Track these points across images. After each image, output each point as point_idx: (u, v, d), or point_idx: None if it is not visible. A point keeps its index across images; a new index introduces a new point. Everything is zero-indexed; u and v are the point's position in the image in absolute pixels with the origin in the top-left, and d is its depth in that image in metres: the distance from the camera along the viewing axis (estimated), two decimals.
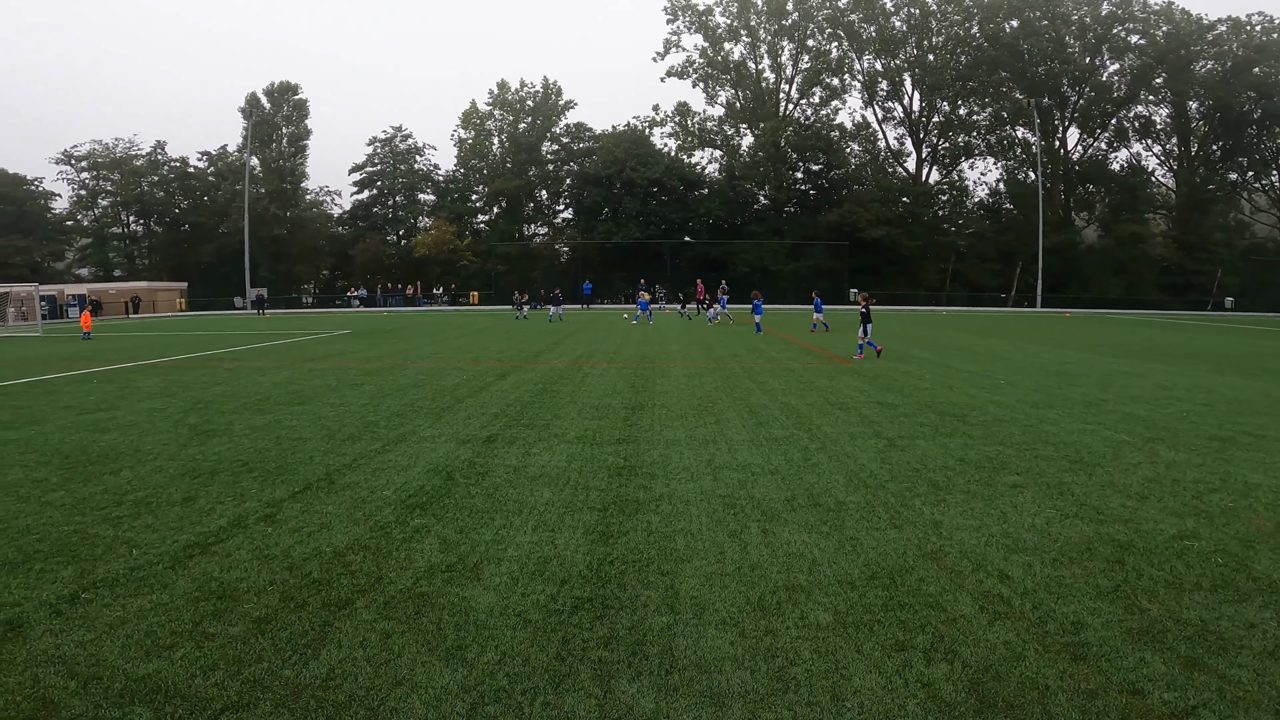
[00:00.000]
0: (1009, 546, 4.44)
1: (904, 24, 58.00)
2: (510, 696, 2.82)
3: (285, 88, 58.91)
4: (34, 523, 4.79)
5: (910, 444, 7.15)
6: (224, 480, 5.80)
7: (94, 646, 3.19)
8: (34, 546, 4.37)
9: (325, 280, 62.21)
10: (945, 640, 3.30)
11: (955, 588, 3.86)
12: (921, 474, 6.06)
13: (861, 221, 51.17)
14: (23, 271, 48.82)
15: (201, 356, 16.30)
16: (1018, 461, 6.48)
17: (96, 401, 9.85)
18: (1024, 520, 4.91)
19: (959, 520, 4.91)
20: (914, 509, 5.16)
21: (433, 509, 5.09)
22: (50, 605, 3.59)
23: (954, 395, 10.23)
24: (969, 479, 5.91)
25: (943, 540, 4.55)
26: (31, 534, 4.58)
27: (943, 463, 6.42)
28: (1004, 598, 3.73)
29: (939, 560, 4.24)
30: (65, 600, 3.65)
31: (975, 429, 7.87)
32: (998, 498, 5.41)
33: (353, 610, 3.52)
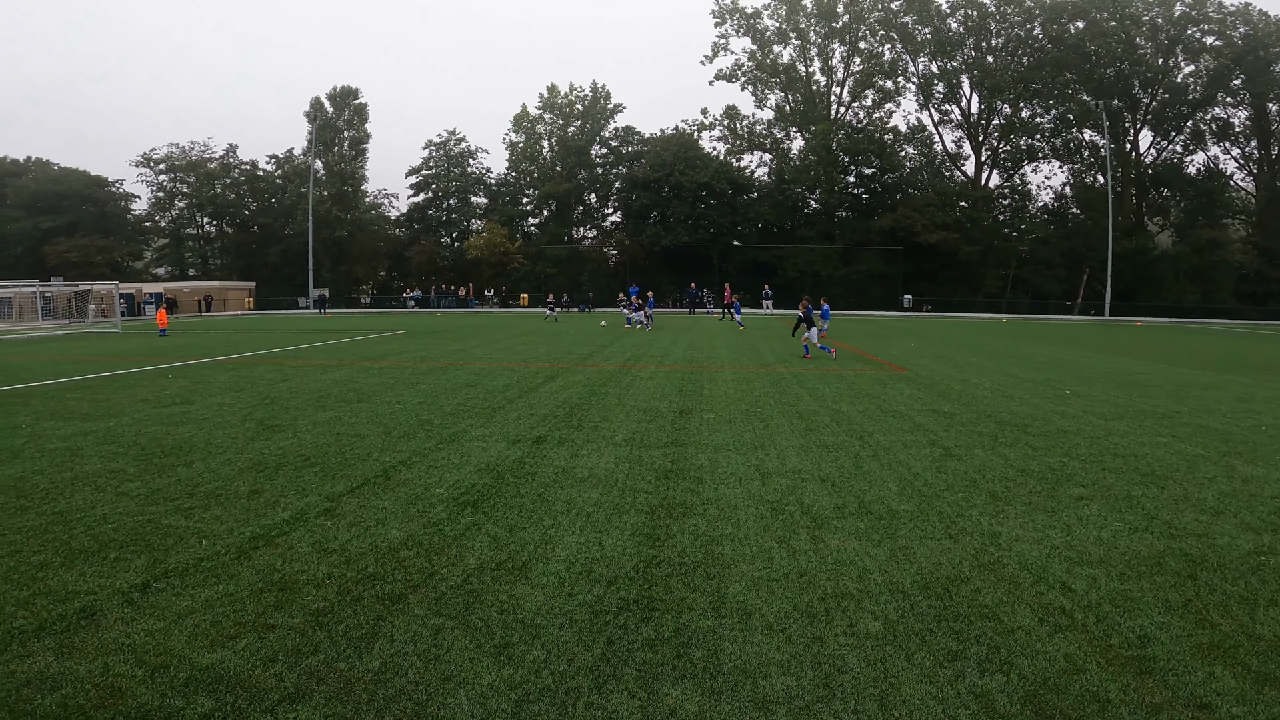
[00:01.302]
0: (1072, 559, 4.29)
1: (960, 26, 56.39)
2: (555, 695, 2.85)
3: (346, 92, 60.69)
4: (110, 512, 5.01)
5: (967, 453, 6.96)
6: (288, 474, 6.02)
7: (162, 636, 3.29)
8: (109, 535, 4.56)
9: (382, 281, 64.06)
10: (1001, 651, 3.22)
11: (1013, 599, 3.75)
12: (979, 484, 5.89)
13: (917, 226, 49.95)
14: (103, 270, 51.73)
15: (268, 354, 16.97)
16: (1084, 474, 6.24)
17: (172, 395, 10.37)
18: (1089, 533, 4.75)
19: (1019, 532, 4.76)
20: (970, 519, 5.02)
21: (483, 507, 5.18)
22: (123, 594, 3.72)
23: (1015, 405, 9.89)
24: (1030, 490, 5.73)
25: (1001, 551, 4.42)
26: (108, 523, 4.78)
27: (1002, 473, 6.23)
28: (1065, 610, 3.62)
29: (997, 571, 4.12)
30: (137, 589, 3.78)
31: (1038, 440, 7.60)
32: (1061, 510, 5.24)
33: (405, 605, 3.60)
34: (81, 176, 60.29)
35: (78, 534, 4.57)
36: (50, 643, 3.20)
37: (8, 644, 3.18)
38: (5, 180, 59.18)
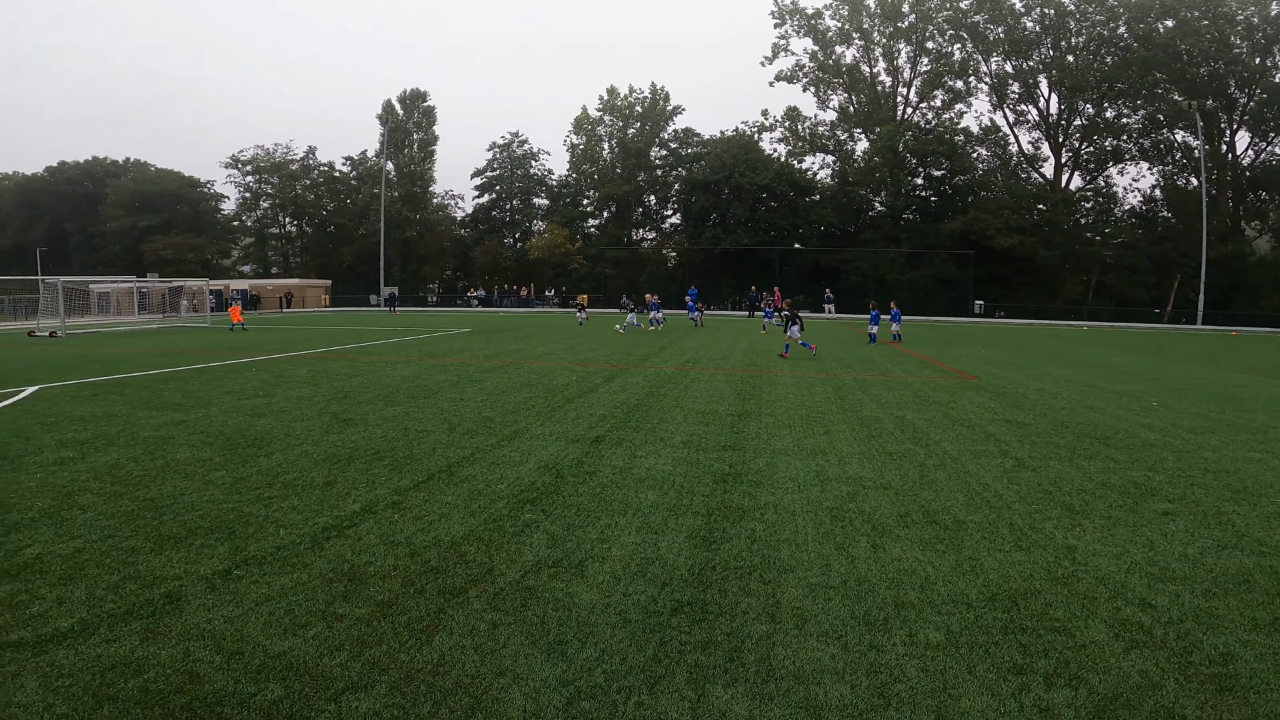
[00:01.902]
0: (1154, 575, 4.11)
1: (1037, 25, 53.87)
2: (606, 694, 2.87)
3: (416, 95, 62.36)
4: (198, 500, 5.30)
5: (1042, 465, 6.68)
6: (359, 467, 6.27)
7: (240, 622, 3.40)
8: (196, 523, 4.80)
9: (448, 280, 65.81)
10: (1071, 666, 3.11)
11: (1087, 614, 3.62)
12: (1054, 497, 5.66)
13: (990, 229, 47.98)
14: (195, 267, 54.91)
15: (342, 350, 17.69)
16: (1170, 489, 5.91)
17: (254, 388, 10.96)
18: (1174, 549, 4.52)
19: (1096, 546, 4.57)
20: (1044, 532, 4.83)
21: (542, 505, 5.27)
22: (206, 580, 3.88)
23: (1096, 416, 9.41)
24: (1110, 504, 5.47)
25: (1076, 565, 4.26)
26: (195, 511, 5.05)
27: (1080, 486, 5.97)
28: (1144, 626, 3.48)
29: (1070, 585, 3.97)
30: (219, 576, 3.93)
31: (1120, 453, 7.22)
32: (1144, 525, 5.00)
33: (465, 599, 3.68)
34: (176, 177, 64.28)
35: (167, 520, 4.83)
36: (137, 627, 3.34)
37: (96, 628, 3.32)
38: (107, 180, 63.68)
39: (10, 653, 3.08)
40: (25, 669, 2.96)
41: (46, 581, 3.81)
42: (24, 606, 3.51)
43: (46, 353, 17.36)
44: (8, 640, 3.18)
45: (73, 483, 5.64)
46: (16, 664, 2.99)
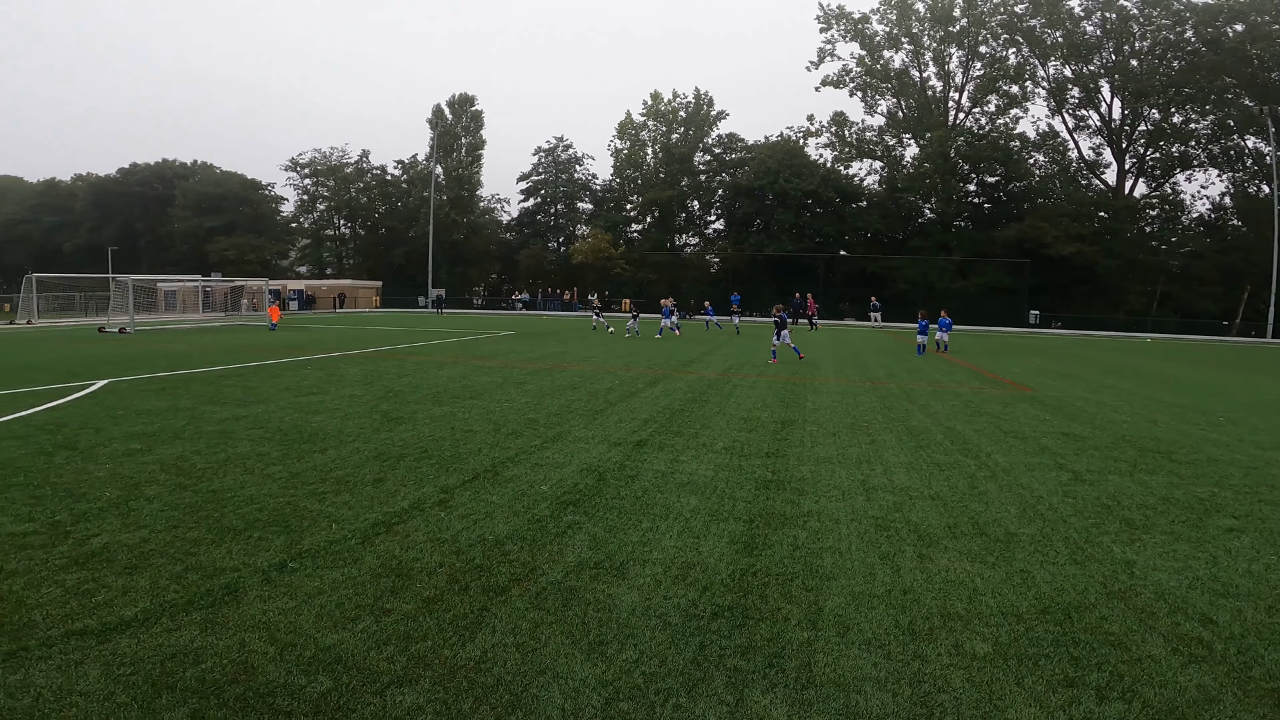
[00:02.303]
0: (1217, 591, 3.97)
1: (1097, 29, 52.03)
2: (644, 695, 2.88)
3: (464, 99, 63.77)
4: (256, 493, 5.48)
5: (1100, 479, 6.46)
6: (407, 465, 6.42)
7: (293, 615, 3.48)
8: (254, 515, 4.96)
9: (493, 283, 66.91)
10: (1125, 680, 3.04)
11: (1145, 628, 3.52)
12: (1113, 511, 5.48)
13: (1047, 237, 46.43)
14: (255, 268, 57.15)
15: (392, 350, 18.15)
16: (1236, 505, 5.67)
17: (310, 385, 11.36)
18: (1238, 565, 4.36)
19: (1157, 561, 4.43)
20: (1101, 546, 4.69)
21: (584, 507, 5.32)
22: (263, 572, 3.97)
23: (1159, 430, 9.04)
24: (1173, 519, 5.29)
25: (1134, 580, 4.13)
26: (254, 504, 5.22)
27: (1141, 500, 5.76)
28: (1204, 641, 3.38)
29: (1127, 600, 3.86)
30: (275, 568, 4.03)
31: (1184, 468, 6.93)
32: (1208, 541, 4.82)
33: (508, 598, 3.73)
34: (239, 179, 67.04)
35: (227, 513, 5.00)
36: (197, 618, 3.42)
37: (159, 617, 3.41)
38: (175, 182, 66.76)
39: (75, 641, 3.17)
40: (89, 657, 3.05)
41: (113, 570, 3.96)
42: (90, 595, 3.64)
43: (116, 348, 18.27)
44: (73, 628, 3.28)
45: (140, 474, 5.92)
46: (81, 652, 3.09)
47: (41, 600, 3.55)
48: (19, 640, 3.15)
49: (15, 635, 3.20)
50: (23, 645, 3.11)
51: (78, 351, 17.21)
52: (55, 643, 3.14)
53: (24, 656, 3.02)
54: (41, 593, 3.64)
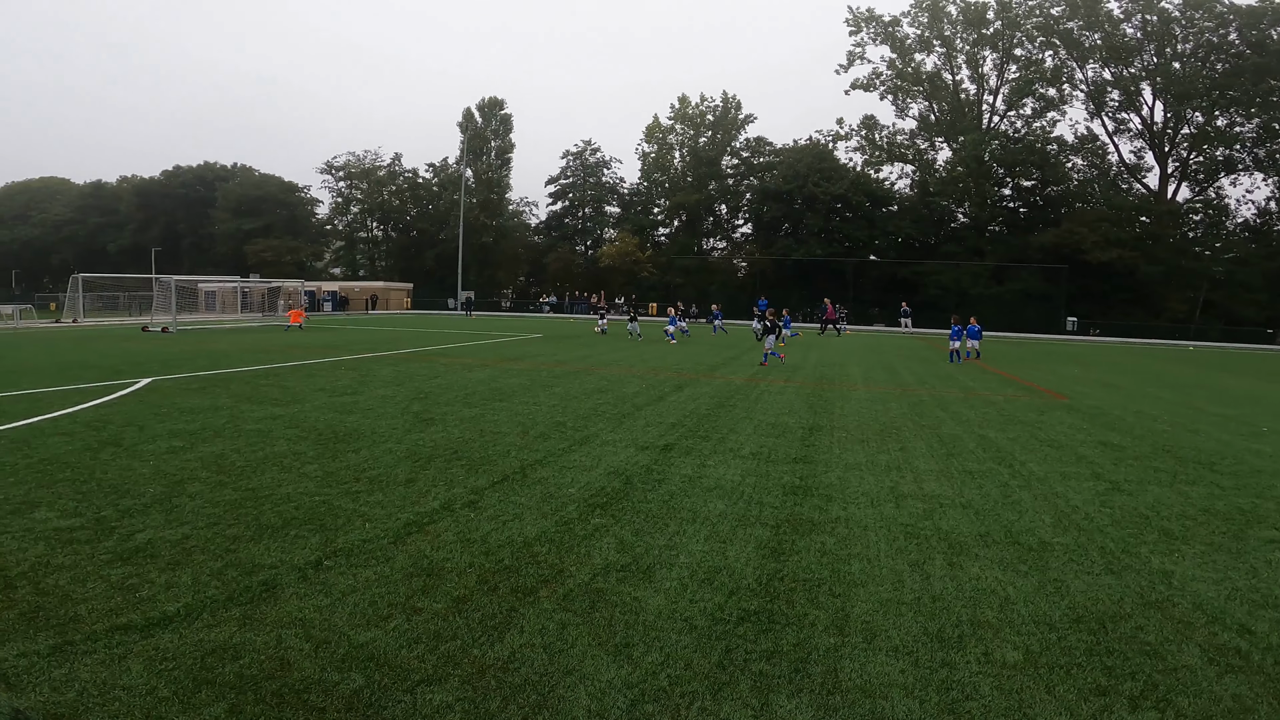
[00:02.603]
0: (1256, 601, 3.90)
1: (1138, 31, 50.73)
2: (669, 698, 2.90)
3: (493, 103, 64.20)
4: (293, 491, 5.60)
5: (1139, 489, 6.33)
6: (438, 466, 6.53)
7: (328, 612, 3.54)
8: (291, 513, 5.07)
9: (521, 286, 67.41)
10: (1159, 689, 3.01)
11: (1181, 638, 3.47)
12: (1151, 521, 5.38)
13: (1085, 243, 45.34)
14: (291, 269, 58.33)
15: (422, 351, 18.41)
16: (1278, 516, 5.54)
17: (344, 386, 11.59)
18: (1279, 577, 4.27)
19: (1195, 572, 4.36)
20: (1139, 556, 4.62)
21: (612, 510, 5.35)
22: (299, 569, 4.05)
23: (1199, 440, 8.80)
24: (1213, 530, 5.19)
25: (1172, 590, 4.07)
26: (290, 502, 5.33)
27: (1180, 511, 5.65)
28: (1241, 651, 3.33)
29: (1164, 610, 3.81)
30: (311, 566, 4.11)
31: (1225, 478, 6.76)
32: (1248, 552, 4.73)
33: (536, 599, 3.77)
34: (277, 182, 68.51)
35: (265, 510, 5.11)
36: (236, 614, 3.50)
37: (199, 613, 3.49)
38: (216, 184, 68.46)
39: (119, 635, 3.25)
40: (132, 652, 3.11)
41: (156, 566, 4.07)
42: (134, 590, 3.74)
43: (159, 347, 18.83)
44: (117, 623, 3.36)
45: (182, 471, 6.10)
46: (124, 647, 3.16)
47: (87, 595, 3.66)
48: (65, 634, 3.24)
49: (61, 629, 3.30)
50: (68, 639, 3.20)
51: (122, 350, 17.78)
52: (100, 637, 3.23)
53: (69, 650, 3.10)
54: (87, 587, 3.75)
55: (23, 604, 3.53)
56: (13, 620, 3.36)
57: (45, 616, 3.42)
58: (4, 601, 3.54)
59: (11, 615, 3.41)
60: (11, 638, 3.20)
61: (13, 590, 3.68)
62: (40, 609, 3.49)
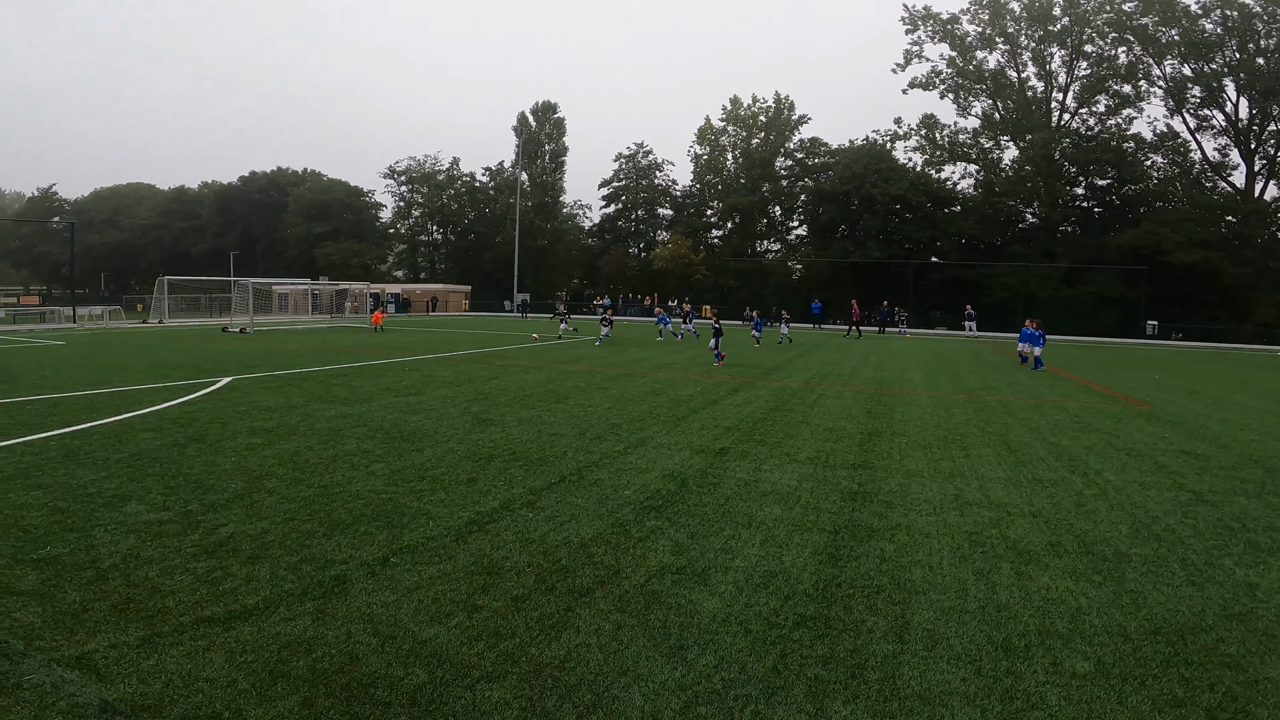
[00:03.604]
0: None
1: (1218, 26, 47.74)
2: (723, 701, 2.90)
3: (547, 107, 65.01)
4: (361, 489, 5.81)
5: (1225, 500, 6.02)
6: (497, 466, 6.68)
7: (394, 608, 3.64)
8: (360, 510, 5.26)
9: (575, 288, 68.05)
10: (1239, 701, 2.91)
11: (1265, 650, 3.34)
12: (1237, 533, 5.12)
13: (1167, 244, 42.87)
14: (357, 272, 60.37)
15: (481, 353, 18.84)
16: None
17: (407, 386, 11.98)
18: None
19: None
20: (1223, 568, 4.42)
21: (667, 512, 5.38)
22: (367, 566, 4.18)
23: None
24: None
25: (1257, 602, 3.90)
26: (359, 499, 5.53)
27: (1268, 523, 5.36)
28: None
29: (1248, 623, 3.65)
30: (378, 562, 4.23)
31: None
32: None
33: (592, 599, 3.82)
34: (343, 187, 71.07)
35: (337, 507, 5.32)
36: (310, 608, 3.62)
37: (276, 606, 3.62)
38: (289, 189, 71.44)
39: (203, 628, 3.38)
40: (215, 644, 3.23)
41: (238, 560, 4.26)
42: (218, 583, 3.92)
43: (238, 347, 19.85)
44: (202, 615, 3.50)
45: (261, 467, 6.42)
46: (208, 639, 3.28)
47: (174, 587, 3.85)
48: (153, 626, 3.39)
49: (150, 621, 3.45)
50: (156, 631, 3.35)
51: (204, 350, 18.81)
52: (185, 629, 3.38)
53: (157, 642, 3.24)
54: (174, 580, 3.95)
55: (114, 595, 3.71)
56: (104, 612, 3.52)
57: (135, 608, 3.57)
58: (96, 593, 3.74)
59: (103, 606, 3.57)
60: (103, 629, 3.35)
61: (105, 582, 3.88)
62: (130, 601, 3.65)
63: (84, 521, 4.84)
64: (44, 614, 3.49)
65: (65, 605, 3.59)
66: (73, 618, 3.46)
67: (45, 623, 3.41)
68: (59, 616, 3.48)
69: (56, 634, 3.30)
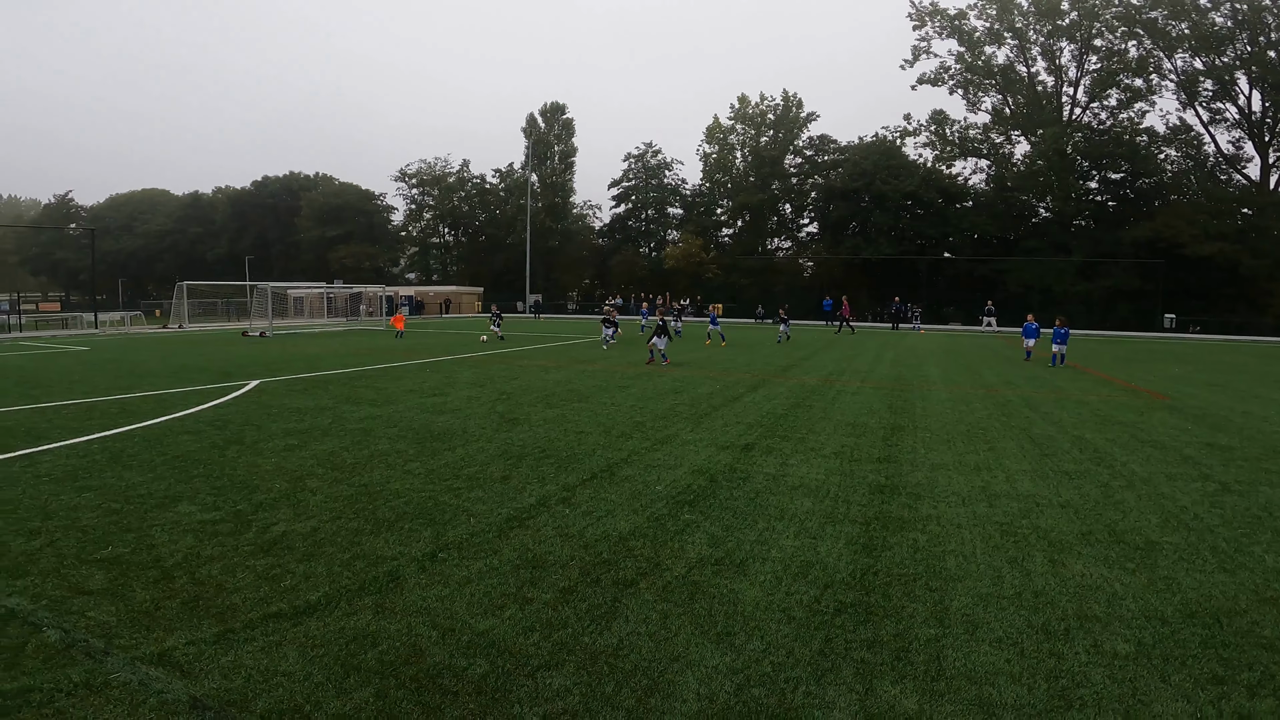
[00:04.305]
0: None
1: (1228, 20, 47.28)
2: (774, 683, 3.02)
3: (555, 108, 65.28)
4: (400, 488, 5.96)
5: (1251, 490, 6.08)
6: (529, 464, 6.83)
7: (449, 601, 3.76)
8: (402, 508, 5.40)
9: (586, 288, 68.20)
10: (1277, 679, 3.03)
11: None
12: (1265, 522, 5.20)
13: (1183, 236, 42.53)
14: (370, 275, 60.79)
15: (498, 354, 18.96)
16: None
17: (431, 387, 12.15)
18: None
19: None
20: (1252, 555, 4.51)
21: (700, 507, 5.50)
22: (418, 561, 4.30)
23: None
24: None
25: None
26: (400, 497, 5.67)
27: None
28: None
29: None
30: (427, 558, 4.36)
31: None
32: None
33: (636, 590, 3.95)
34: (355, 190, 71.46)
35: (379, 505, 5.46)
36: (369, 602, 3.74)
37: (337, 601, 3.74)
38: (301, 194, 71.90)
39: (273, 623, 3.50)
40: (286, 639, 3.34)
41: (293, 557, 4.40)
42: (278, 580, 4.05)
43: (260, 350, 20.14)
44: (269, 611, 3.62)
45: (300, 467, 6.59)
46: (279, 634, 3.39)
47: (238, 584, 3.98)
48: (225, 623, 3.52)
49: (221, 618, 3.57)
50: (229, 627, 3.46)
51: (227, 354, 19.09)
52: (256, 625, 3.50)
53: (231, 639, 3.36)
54: (237, 577, 4.08)
55: (182, 593, 3.85)
56: (176, 609, 3.65)
57: (204, 605, 3.71)
58: (165, 591, 3.88)
59: (174, 604, 3.71)
60: (178, 626, 3.48)
61: (171, 580, 4.02)
62: (199, 598, 3.79)
63: (139, 522, 5.01)
64: (118, 612, 3.62)
65: (137, 604, 3.72)
66: (147, 616, 3.59)
67: (121, 621, 3.53)
68: (133, 615, 3.60)
69: (134, 632, 3.42)
